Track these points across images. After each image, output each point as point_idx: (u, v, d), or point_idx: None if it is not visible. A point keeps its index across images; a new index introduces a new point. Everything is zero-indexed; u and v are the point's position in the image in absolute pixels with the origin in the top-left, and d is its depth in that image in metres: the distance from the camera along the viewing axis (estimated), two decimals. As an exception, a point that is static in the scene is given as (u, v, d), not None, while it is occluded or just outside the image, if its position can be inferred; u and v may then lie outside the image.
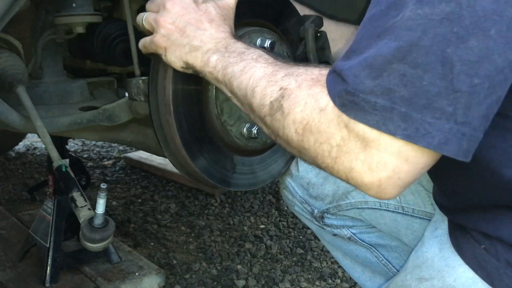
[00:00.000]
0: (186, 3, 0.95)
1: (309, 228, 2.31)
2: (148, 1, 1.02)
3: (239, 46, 0.90)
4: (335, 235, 1.30)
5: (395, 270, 1.27)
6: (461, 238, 0.86)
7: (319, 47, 1.31)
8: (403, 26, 0.65)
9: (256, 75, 0.82)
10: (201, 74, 0.95)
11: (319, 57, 1.31)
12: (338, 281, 1.90)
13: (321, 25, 1.30)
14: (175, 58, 0.95)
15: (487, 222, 0.81)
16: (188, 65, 0.95)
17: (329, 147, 0.71)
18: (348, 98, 0.68)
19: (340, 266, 1.99)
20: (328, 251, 2.10)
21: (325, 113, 0.71)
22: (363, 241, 1.27)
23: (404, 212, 1.17)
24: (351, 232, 1.27)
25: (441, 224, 0.95)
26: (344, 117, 0.69)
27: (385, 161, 0.67)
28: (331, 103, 0.71)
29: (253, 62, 0.85)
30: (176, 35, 0.93)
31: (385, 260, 1.27)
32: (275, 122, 0.78)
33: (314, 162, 0.76)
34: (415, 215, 1.16)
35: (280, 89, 0.77)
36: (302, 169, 1.28)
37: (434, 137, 0.64)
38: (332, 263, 2.03)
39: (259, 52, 0.88)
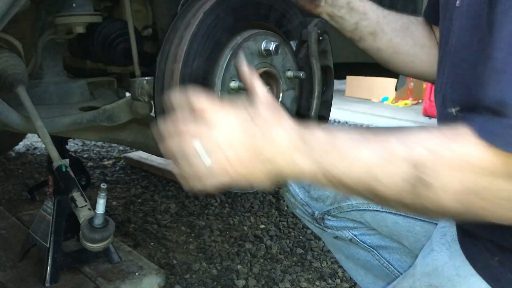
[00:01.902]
0: (237, 123, 0.75)
1: (309, 228, 2.31)
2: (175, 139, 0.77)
3: (318, 136, 0.73)
4: (336, 237, 1.29)
5: (397, 272, 1.25)
6: (472, 247, 0.84)
7: (321, 50, 1.31)
8: None
9: (366, 160, 0.69)
10: (294, 179, 0.84)
11: (321, 61, 1.32)
12: (338, 281, 1.90)
13: (324, 28, 1.30)
14: (260, 182, 0.78)
15: (503, 233, 0.78)
16: (278, 178, 0.79)
17: (501, 201, 0.65)
18: None
19: (340, 266, 1.99)
20: (328, 251, 2.10)
21: (484, 169, 0.63)
22: (364, 243, 1.26)
23: (406, 215, 1.14)
24: (352, 234, 1.25)
25: (449, 230, 0.93)
26: (510, 162, 0.62)
27: None
28: (486, 154, 0.63)
29: (349, 148, 0.71)
30: (250, 160, 0.75)
31: (386, 263, 1.26)
32: (421, 199, 0.68)
33: (481, 219, 0.69)
34: (416, 217, 1.13)
35: (409, 163, 0.67)
36: None
37: None
38: (332, 263, 2.03)
39: (341, 133, 0.73)
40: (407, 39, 1.21)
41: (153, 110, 1.28)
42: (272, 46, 1.18)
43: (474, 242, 0.84)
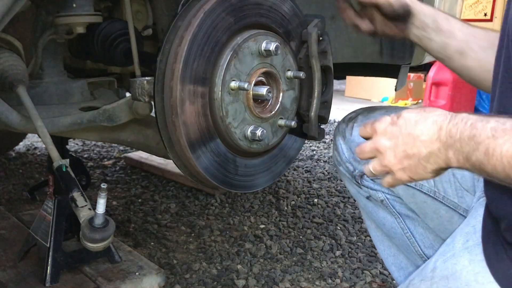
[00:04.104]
0: (390, 133, 0.90)
1: (309, 228, 2.31)
2: (359, 149, 0.99)
3: (461, 128, 0.81)
4: (369, 197, 1.34)
5: (417, 246, 1.32)
6: (495, 255, 0.86)
7: (321, 51, 1.31)
8: None
9: (509, 152, 0.74)
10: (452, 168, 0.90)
11: (321, 61, 1.32)
12: (338, 281, 1.90)
13: (324, 28, 1.31)
14: (421, 176, 0.90)
15: None
16: (435, 173, 0.89)
17: None
18: None
19: (340, 266, 1.99)
20: (328, 251, 2.11)
21: None
22: (394, 208, 1.31)
23: (435, 197, 1.21)
24: (384, 196, 1.31)
25: (472, 236, 0.95)
26: None
27: None
28: None
29: (491, 139, 0.77)
30: (408, 162, 0.89)
31: (409, 233, 1.32)
32: None
33: None
34: (443, 202, 1.20)
35: None
36: (355, 134, 1.33)
37: None
38: (332, 263, 2.03)
39: (480, 124, 0.79)
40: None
41: (153, 110, 1.28)
42: (272, 47, 1.18)
43: (499, 251, 0.85)
